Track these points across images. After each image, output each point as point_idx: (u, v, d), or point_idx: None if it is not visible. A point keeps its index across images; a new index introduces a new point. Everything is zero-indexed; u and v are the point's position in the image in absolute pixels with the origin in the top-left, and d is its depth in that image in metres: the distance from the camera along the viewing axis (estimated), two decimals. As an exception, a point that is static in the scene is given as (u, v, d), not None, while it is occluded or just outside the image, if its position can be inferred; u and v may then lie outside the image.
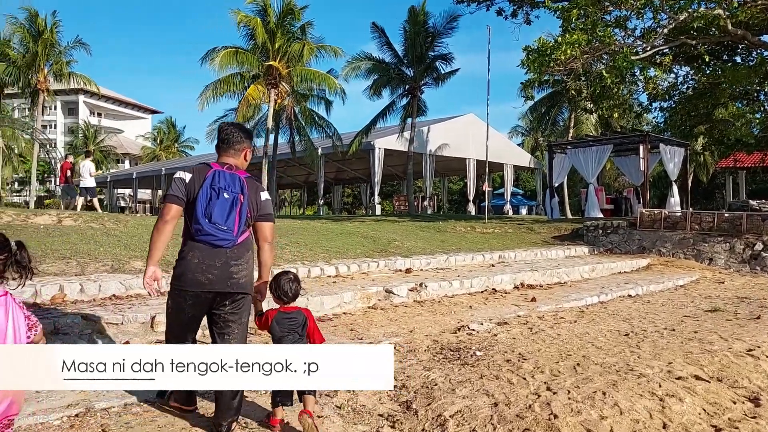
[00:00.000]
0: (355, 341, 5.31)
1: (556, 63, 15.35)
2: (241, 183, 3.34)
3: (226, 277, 3.27)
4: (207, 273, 3.24)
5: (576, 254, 13.44)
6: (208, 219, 3.23)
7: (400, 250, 10.63)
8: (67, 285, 5.60)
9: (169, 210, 3.27)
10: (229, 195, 3.28)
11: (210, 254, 3.25)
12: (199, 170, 3.36)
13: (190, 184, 3.31)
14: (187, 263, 3.28)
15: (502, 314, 6.84)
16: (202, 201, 3.24)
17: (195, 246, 3.27)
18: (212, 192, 3.25)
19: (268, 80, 24.93)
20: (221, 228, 3.24)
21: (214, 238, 3.24)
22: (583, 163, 19.80)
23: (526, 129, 60.79)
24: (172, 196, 3.29)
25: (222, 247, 3.26)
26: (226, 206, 3.26)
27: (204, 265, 3.24)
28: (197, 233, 3.25)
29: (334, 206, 47.57)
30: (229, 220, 3.26)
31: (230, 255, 3.28)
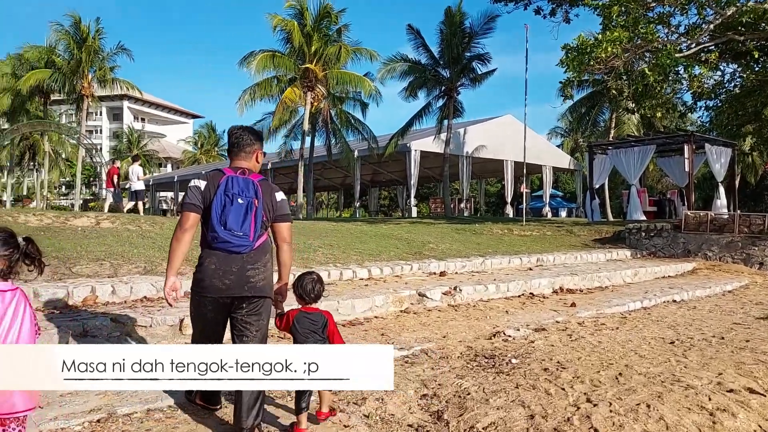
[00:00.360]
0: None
1: (596, 61, 14.94)
2: (255, 187, 3.34)
3: (243, 282, 3.28)
4: (224, 278, 3.26)
5: (618, 258, 13.02)
6: (224, 226, 3.23)
7: (434, 252, 10.44)
8: (99, 287, 5.60)
9: (187, 218, 3.31)
10: (244, 200, 3.28)
11: (226, 260, 3.27)
12: (212, 177, 3.37)
13: (205, 192, 3.33)
14: (204, 269, 3.30)
15: (540, 320, 6.60)
16: (217, 208, 3.25)
17: (212, 253, 3.30)
18: (226, 198, 3.26)
19: (304, 83, 25.04)
20: (237, 234, 3.24)
21: (231, 245, 3.25)
22: (624, 164, 19.26)
23: (565, 130, 59.74)
24: (190, 205, 3.32)
25: (239, 253, 3.27)
26: (240, 212, 3.26)
27: (221, 270, 3.26)
28: (214, 241, 3.27)
29: (371, 209, 47.56)
30: (244, 226, 3.26)
31: (246, 260, 3.29)
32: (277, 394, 3.96)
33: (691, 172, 18.01)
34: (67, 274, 6.11)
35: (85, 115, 32.46)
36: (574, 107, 35.98)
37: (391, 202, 62.25)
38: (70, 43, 30.00)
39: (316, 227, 12.59)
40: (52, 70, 29.69)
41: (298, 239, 9.94)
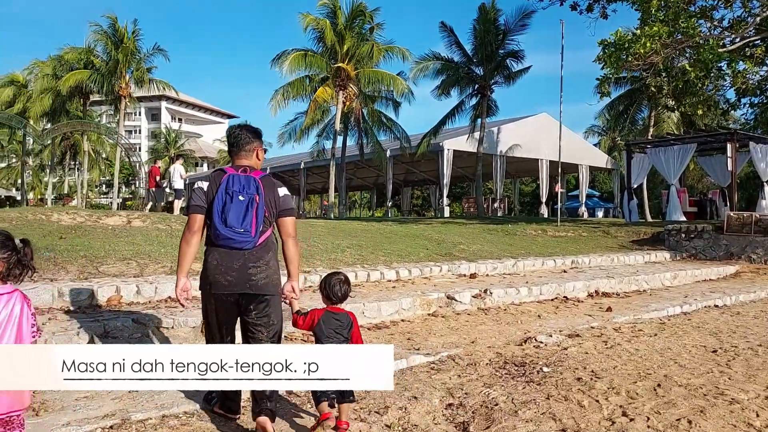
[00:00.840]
0: (411, 350, 4.99)
1: (634, 57, 14.51)
2: (256, 183, 3.36)
3: (244, 279, 3.30)
4: (226, 275, 3.29)
5: (656, 260, 12.59)
6: (224, 223, 3.25)
7: (465, 253, 10.23)
8: (123, 287, 5.57)
9: (194, 221, 3.35)
10: (245, 197, 3.29)
11: (228, 257, 3.30)
12: (214, 177, 3.42)
13: (208, 192, 3.37)
14: (208, 266, 3.35)
15: (574, 325, 6.34)
16: (218, 206, 3.28)
17: (214, 250, 3.34)
18: (227, 196, 3.28)
19: (336, 82, 25.00)
20: (238, 230, 3.25)
21: (233, 242, 3.26)
22: (664, 163, 18.70)
23: (602, 128, 58.61)
24: (195, 206, 3.36)
25: (241, 249, 3.29)
26: (241, 208, 3.27)
27: (222, 267, 3.29)
28: (216, 238, 3.30)
29: (404, 208, 47.37)
30: (245, 222, 3.26)
31: (248, 257, 3.31)
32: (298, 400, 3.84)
33: (734, 171, 17.39)
34: (93, 273, 6.10)
35: (122, 115, 33.04)
36: (611, 105, 35.18)
37: (424, 202, 61.97)
38: (108, 44, 30.57)
39: (345, 227, 12.48)
40: (90, 71, 30.31)
41: (326, 239, 9.85)
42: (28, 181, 60.71)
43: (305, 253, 8.50)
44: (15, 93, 36.71)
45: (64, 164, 47.68)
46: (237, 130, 3.59)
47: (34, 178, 57.11)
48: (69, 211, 10.14)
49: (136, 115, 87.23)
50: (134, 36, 30.66)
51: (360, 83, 25.55)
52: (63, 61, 32.88)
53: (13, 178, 57.66)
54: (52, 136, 31.71)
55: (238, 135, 3.55)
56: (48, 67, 33.31)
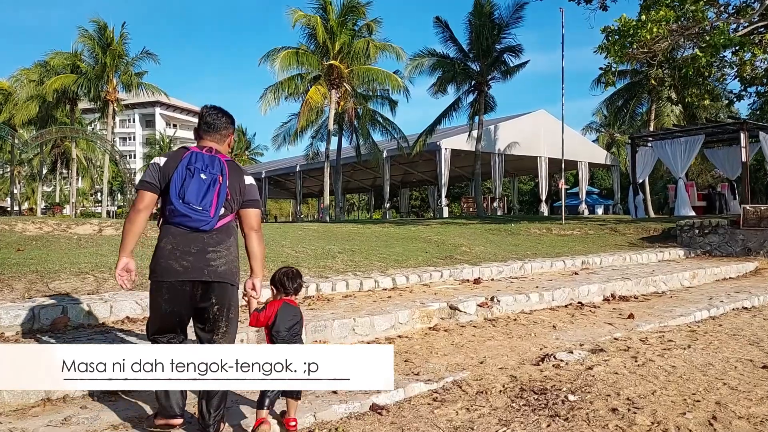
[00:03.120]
0: (410, 376, 4.20)
1: (639, 45, 13.75)
2: (221, 165, 3.11)
3: (202, 265, 3.04)
4: (181, 260, 3.02)
5: (670, 258, 11.82)
6: (182, 199, 3.00)
7: (467, 256, 9.44)
8: (71, 307, 4.78)
9: (142, 198, 3.07)
10: (207, 176, 3.05)
11: (185, 239, 3.04)
12: (175, 153, 3.17)
13: (165, 168, 3.09)
14: (161, 250, 3.07)
15: (595, 337, 5.56)
16: (177, 181, 3.01)
17: (169, 231, 3.07)
18: (187, 172, 3.03)
19: (329, 80, 24.19)
20: (195, 208, 3.00)
21: (189, 220, 3.01)
22: (670, 156, 17.94)
23: (600, 125, 58.00)
24: (145, 183, 3.08)
25: (198, 229, 3.04)
26: (202, 186, 3.03)
27: (178, 251, 3.03)
28: (171, 215, 3.04)
29: (402, 210, 46.63)
30: (204, 200, 3.02)
31: (207, 241, 3.07)
32: None
33: (747, 162, 16.61)
34: (42, 291, 5.31)
35: (110, 120, 32.20)
36: (610, 100, 34.45)
37: (423, 203, 61.25)
38: (95, 48, 29.76)
39: (339, 230, 11.70)
40: (76, 75, 29.46)
41: (316, 244, 9.06)
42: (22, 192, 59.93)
43: (292, 260, 7.72)
44: (1, 101, 35.86)
45: (56, 173, 46.80)
46: (216, 111, 3.31)
47: (27, 187, 56.29)
48: (36, 220, 9.34)
49: (130, 122, 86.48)
50: (122, 39, 29.85)
51: (353, 82, 24.75)
52: (49, 67, 32.04)
53: (6, 188, 56.77)
54: (38, 143, 30.87)
55: (217, 116, 3.29)
56: (34, 73, 32.48)
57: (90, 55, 30.25)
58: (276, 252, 8.19)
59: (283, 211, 70.55)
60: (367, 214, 58.64)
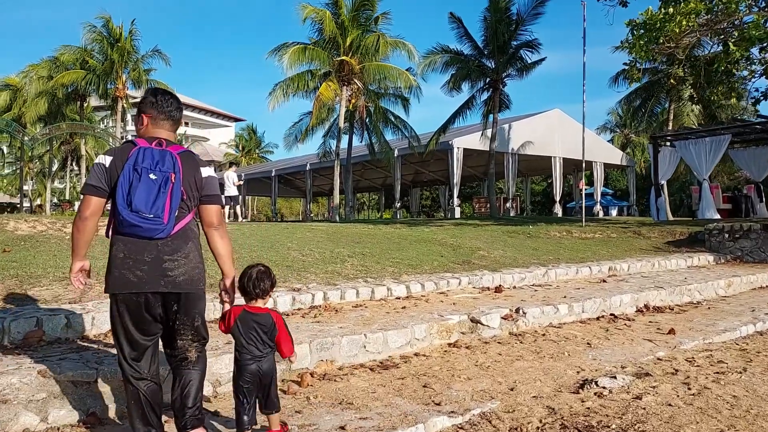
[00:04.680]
0: (430, 407, 3.61)
1: (666, 39, 13.07)
2: (173, 159, 2.78)
3: (158, 275, 2.75)
4: (134, 269, 2.73)
5: (699, 264, 11.16)
6: (129, 207, 2.67)
7: (485, 261, 8.83)
8: (48, 318, 4.24)
9: (87, 204, 2.76)
10: (157, 175, 2.72)
11: (137, 247, 2.74)
12: (121, 150, 2.81)
13: (111, 169, 2.75)
14: (113, 260, 2.78)
15: (636, 356, 4.95)
16: (123, 186, 2.69)
17: (119, 240, 2.77)
18: (134, 174, 2.69)
19: (339, 77, 23.61)
20: (146, 216, 2.68)
21: (139, 230, 2.70)
22: (695, 157, 17.22)
23: (615, 125, 57.14)
24: (90, 187, 2.76)
25: (152, 238, 2.73)
26: (152, 189, 2.70)
27: (130, 260, 2.74)
28: (120, 225, 2.73)
29: (413, 209, 46.00)
30: (155, 206, 2.70)
31: (162, 248, 2.77)
32: None
33: (775, 163, 15.87)
34: (21, 298, 4.78)
35: (119, 117, 31.82)
36: (627, 99, 33.67)
37: (433, 203, 60.61)
38: (104, 44, 29.37)
39: (348, 231, 11.13)
40: (85, 71, 29.07)
41: (325, 247, 8.50)
42: (33, 188, 59.87)
43: (298, 264, 7.16)
44: (11, 97, 35.61)
45: (66, 169, 46.59)
46: (169, 96, 2.98)
47: (39, 184, 56.20)
48: (29, 218, 8.85)
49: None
50: (130, 36, 29.42)
51: (365, 78, 24.15)
52: (58, 62, 31.70)
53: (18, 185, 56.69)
54: (45, 139, 30.55)
55: (170, 101, 2.95)
56: (43, 69, 32.15)
57: (99, 51, 29.86)
58: (282, 255, 7.64)
59: (293, 209, 70.19)
60: (377, 213, 58.10)
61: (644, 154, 54.79)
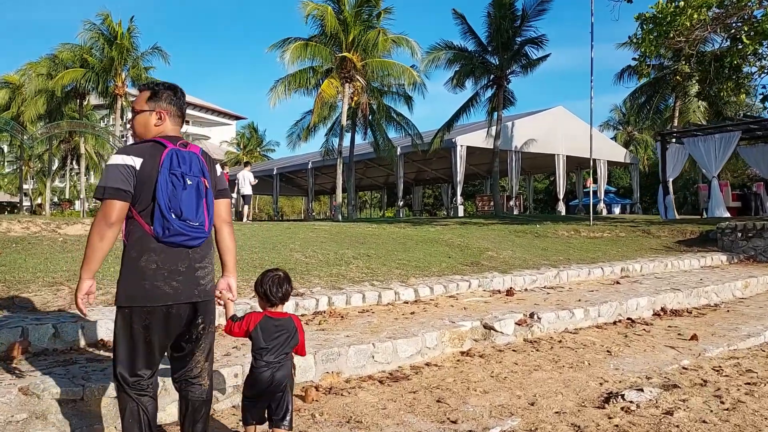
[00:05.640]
0: (446, 425, 3.33)
1: (676, 33, 12.76)
2: (200, 162, 2.63)
3: (192, 285, 2.61)
4: (170, 280, 2.54)
5: (712, 264, 10.86)
6: (177, 215, 2.50)
7: (495, 262, 8.55)
8: (35, 328, 3.96)
9: (113, 209, 2.48)
10: (192, 180, 2.58)
11: (172, 257, 2.55)
12: (151, 152, 2.57)
13: (142, 172, 2.52)
14: (142, 271, 2.51)
15: (660, 365, 4.66)
16: (164, 192, 2.49)
17: (149, 245, 2.52)
18: (173, 179, 2.52)
19: (341, 74, 23.28)
20: (193, 225, 2.56)
21: (187, 239, 2.55)
22: (704, 154, 16.90)
23: (618, 122, 56.82)
24: (119, 191, 2.48)
25: (189, 247, 2.59)
26: (193, 196, 2.57)
27: (165, 270, 2.53)
28: (163, 234, 2.50)
29: (415, 207, 45.71)
30: (199, 213, 2.59)
31: (193, 256, 2.62)
32: None
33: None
34: (6, 306, 4.50)
35: (119, 115, 31.52)
36: (632, 96, 33.30)
37: (436, 201, 60.34)
38: (102, 42, 29.07)
39: (353, 231, 10.85)
40: (85, 70, 28.77)
41: (328, 248, 8.21)
42: (33, 187, 59.65)
43: (301, 266, 6.89)
44: (10, 96, 35.34)
45: (66, 168, 46.35)
46: (179, 91, 2.77)
47: (39, 183, 55.97)
48: (22, 219, 8.57)
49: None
50: (129, 33, 29.11)
51: (367, 75, 23.83)
52: (57, 60, 31.41)
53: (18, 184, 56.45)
54: (44, 138, 30.27)
55: (183, 96, 2.78)
56: (42, 67, 31.85)
57: (98, 48, 29.55)
58: (284, 257, 7.35)
59: (294, 208, 69.95)
60: (379, 211, 57.82)
61: (647, 151, 54.51)
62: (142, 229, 2.55)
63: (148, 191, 2.51)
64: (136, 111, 2.75)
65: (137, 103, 2.76)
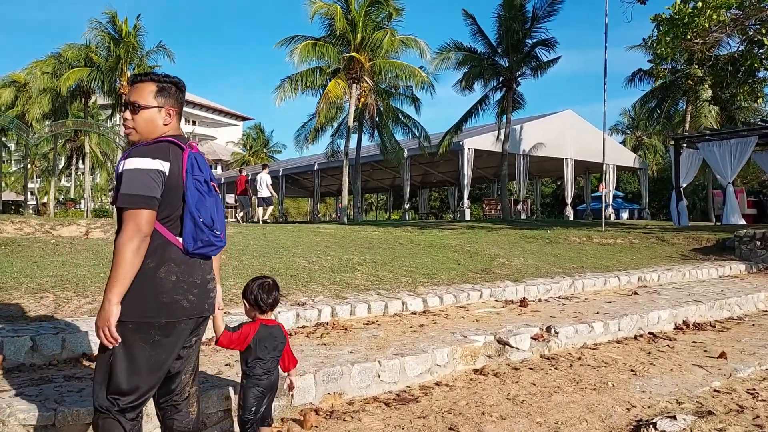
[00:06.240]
0: (459, 457, 2.98)
1: (693, 35, 12.39)
2: (206, 165, 2.45)
3: (205, 297, 2.43)
4: (188, 294, 2.34)
5: (731, 273, 10.45)
6: (208, 226, 2.35)
7: (506, 270, 8.18)
8: (10, 340, 3.64)
9: (146, 219, 2.23)
10: (210, 186, 2.42)
11: (190, 268, 2.36)
12: (173, 154, 2.34)
13: (171, 178, 2.31)
14: (160, 284, 2.28)
15: (689, 387, 4.30)
16: (193, 199, 2.32)
17: (170, 256, 2.31)
18: (196, 183, 2.33)
19: (349, 74, 22.95)
20: (218, 233, 2.41)
21: (214, 249, 2.43)
22: (719, 160, 16.49)
23: (627, 126, 56.34)
24: (151, 200, 2.24)
25: (210, 257, 2.46)
26: (214, 203, 2.40)
27: (185, 283, 2.33)
28: (195, 246, 2.34)
29: (421, 210, 45.35)
30: (221, 221, 2.45)
31: (205, 267, 2.45)
32: None
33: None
34: (-15, 315, 4.18)
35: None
36: (642, 100, 32.88)
37: (442, 204, 59.94)
38: (108, 41, 28.84)
39: (358, 235, 10.51)
40: (90, 69, 28.53)
41: (333, 253, 7.88)
42: (39, 186, 59.58)
43: (304, 273, 6.55)
44: (16, 94, 35.19)
45: (71, 167, 46.20)
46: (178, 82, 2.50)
47: (45, 182, 55.87)
48: (16, 219, 8.27)
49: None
50: (135, 31, 28.87)
51: (375, 76, 23.49)
52: (62, 59, 31.21)
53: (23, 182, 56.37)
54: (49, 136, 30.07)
55: (183, 89, 2.51)
56: (47, 65, 31.65)
57: (103, 47, 29.32)
58: (286, 262, 7.02)
59: (300, 209, 69.68)
60: (385, 214, 57.49)
61: (656, 156, 54.02)
62: (163, 238, 2.32)
63: (174, 198, 2.31)
64: (141, 106, 2.40)
65: (141, 97, 2.41)
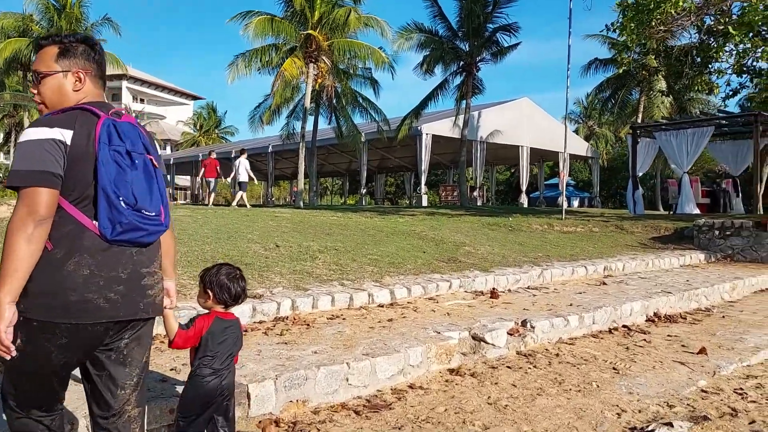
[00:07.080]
0: (443, 477, 2.60)
1: (658, 22, 12.29)
2: (140, 134, 1.99)
3: (137, 296, 1.93)
4: (107, 291, 1.86)
5: (691, 262, 10.47)
6: (129, 204, 1.87)
7: (473, 258, 7.88)
8: None
9: (43, 199, 1.77)
10: (138, 159, 1.95)
11: (110, 259, 1.87)
12: (80, 123, 1.86)
13: (74, 150, 1.83)
14: (68, 279, 1.81)
15: (676, 387, 4.05)
16: (108, 174, 1.84)
17: (81, 244, 1.84)
18: (116, 156, 1.87)
19: (306, 53, 22.25)
20: (149, 215, 1.93)
21: (143, 234, 1.92)
22: (675, 149, 16.64)
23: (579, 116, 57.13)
24: (48, 175, 1.78)
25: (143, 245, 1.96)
26: (143, 178, 1.94)
27: (100, 278, 1.85)
28: (114, 231, 1.85)
29: (377, 196, 45.01)
30: (154, 200, 1.96)
31: (138, 258, 1.95)
32: None
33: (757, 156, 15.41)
34: None
35: (68, 90, 29.63)
36: (598, 89, 33.26)
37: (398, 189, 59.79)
38: (51, 11, 27.24)
39: (316, 220, 10.05)
40: (28, 39, 26.93)
41: (291, 239, 7.40)
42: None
43: (261, 261, 6.07)
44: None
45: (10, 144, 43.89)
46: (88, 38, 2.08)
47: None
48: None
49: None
50: (79, 2, 27.34)
51: (333, 56, 22.86)
52: (-1, 29, 29.39)
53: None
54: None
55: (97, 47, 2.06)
56: (-19, 35, 29.74)
57: (45, 18, 27.68)
58: (241, 250, 6.52)
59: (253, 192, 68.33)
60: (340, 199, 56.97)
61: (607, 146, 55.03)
62: (74, 222, 1.87)
63: (83, 174, 1.86)
64: (42, 73, 1.98)
65: (42, 63, 2.00)
